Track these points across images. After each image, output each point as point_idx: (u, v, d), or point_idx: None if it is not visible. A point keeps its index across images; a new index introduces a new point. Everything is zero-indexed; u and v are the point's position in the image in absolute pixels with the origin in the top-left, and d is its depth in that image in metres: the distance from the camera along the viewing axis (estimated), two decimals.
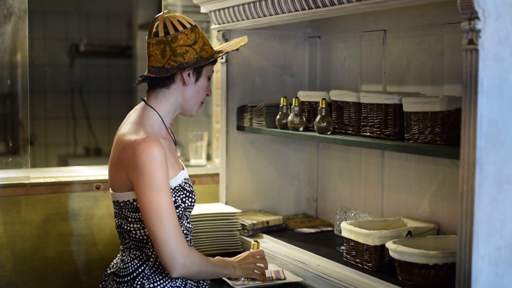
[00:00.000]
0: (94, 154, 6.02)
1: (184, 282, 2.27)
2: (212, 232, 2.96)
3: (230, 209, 3.07)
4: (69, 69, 6.10)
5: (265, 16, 2.76)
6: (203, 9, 3.14)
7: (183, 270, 2.15)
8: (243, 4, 2.84)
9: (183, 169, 2.36)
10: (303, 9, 2.53)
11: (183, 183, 2.27)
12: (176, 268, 2.14)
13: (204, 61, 2.25)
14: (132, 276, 2.22)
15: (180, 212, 2.25)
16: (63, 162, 5.93)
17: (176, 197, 2.23)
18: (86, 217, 3.32)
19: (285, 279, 2.52)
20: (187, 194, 2.27)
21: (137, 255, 2.25)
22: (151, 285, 2.21)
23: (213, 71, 2.36)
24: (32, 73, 3.44)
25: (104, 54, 6.18)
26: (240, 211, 3.05)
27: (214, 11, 3.07)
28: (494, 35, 1.81)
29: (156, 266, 2.23)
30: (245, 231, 3.00)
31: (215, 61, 2.35)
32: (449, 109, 2.13)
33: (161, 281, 2.23)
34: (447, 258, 2.15)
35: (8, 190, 3.17)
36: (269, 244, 2.91)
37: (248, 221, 3.02)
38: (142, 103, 2.32)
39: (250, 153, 3.26)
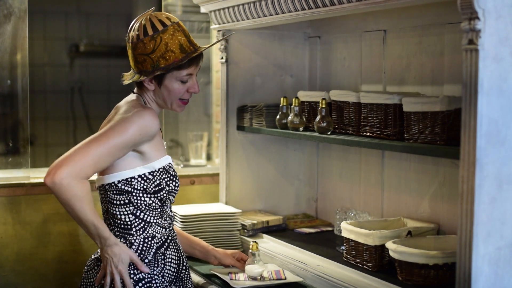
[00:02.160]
0: None
1: (162, 271, 2.28)
2: (212, 232, 2.96)
3: (230, 209, 3.07)
4: (69, 69, 6.10)
5: (265, 16, 2.76)
6: (203, 9, 3.14)
7: (57, 180, 2.08)
8: (243, 4, 2.84)
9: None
10: (303, 9, 2.53)
11: (167, 167, 2.31)
12: (55, 172, 2.09)
13: (159, 70, 2.24)
14: None
15: (165, 195, 2.28)
16: None
17: (161, 180, 2.27)
18: None
19: (285, 279, 2.52)
20: (171, 177, 2.30)
21: None
22: (131, 274, 2.23)
23: (189, 74, 2.29)
24: (32, 73, 3.44)
25: (104, 54, 6.18)
26: (240, 211, 3.05)
27: (214, 11, 3.07)
28: (494, 35, 1.81)
29: (137, 254, 2.25)
30: (245, 231, 3.00)
31: (190, 65, 2.29)
32: (449, 109, 2.13)
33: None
34: (447, 258, 2.15)
35: (8, 190, 3.17)
36: (269, 244, 2.91)
37: (248, 221, 3.02)
38: (132, 94, 2.39)
39: (250, 153, 3.25)
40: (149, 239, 2.28)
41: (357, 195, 3.01)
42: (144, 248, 2.27)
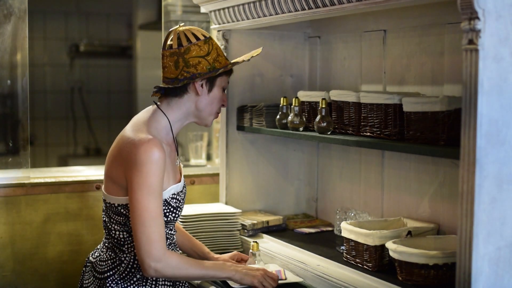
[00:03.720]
0: (94, 154, 6.03)
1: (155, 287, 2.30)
2: (212, 232, 2.96)
3: (230, 209, 3.07)
4: (69, 69, 6.10)
5: (265, 16, 2.76)
6: (203, 9, 3.14)
7: (153, 273, 2.18)
8: (243, 4, 2.84)
9: (179, 181, 2.38)
10: (303, 9, 2.53)
11: (170, 199, 2.30)
12: (146, 270, 2.18)
13: (216, 71, 2.28)
14: (105, 275, 2.28)
15: None
16: (63, 162, 5.93)
17: None
18: (86, 217, 3.32)
19: (286, 279, 2.52)
20: (172, 209, 2.31)
21: (111, 257, 2.30)
22: None
23: (228, 82, 2.40)
24: (32, 73, 3.44)
25: (104, 54, 6.18)
26: (240, 211, 3.05)
27: (214, 11, 3.07)
28: (494, 35, 1.81)
29: (126, 272, 2.27)
30: (245, 231, 3.00)
31: (230, 72, 2.39)
32: (449, 109, 2.13)
33: (129, 287, 2.27)
34: (447, 258, 2.15)
35: (8, 190, 3.17)
36: (269, 244, 2.91)
37: (248, 221, 3.02)
38: (154, 106, 2.34)
39: (250, 153, 3.26)
40: None
41: (357, 195, 3.02)
42: (135, 266, 2.28)
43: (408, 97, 2.29)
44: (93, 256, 2.37)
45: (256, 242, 2.61)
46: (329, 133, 2.64)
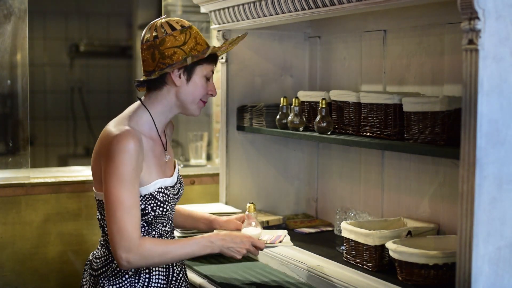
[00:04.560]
0: None
1: (147, 285, 2.28)
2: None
3: (230, 209, 3.07)
4: (69, 69, 6.11)
5: (265, 16, 2.76)
6: (203, 9, 3.14)
7: (126, 265, 2.15)
8: (243, 4, 2.84)
9: (171, 176, 2.35)
10: (303, 9, 2.53)
11: (156, 193, 2.26)
12: (119, 261, 2.15)
13: (191, 59, 2.24)
14: (98, 272, 2.28)
15: (150, 219, 2.26)
16: (63, 162, 5.93)
17: (146, 205, 2.23)
18: (86, 217, 3.32)
19: (280, 242, 2.48)
20: (158, 203, 2.26)
21: (104, 254, 2.29)
22: (110, 287, 2.25)
23: (212, 71, 2.34)
24: (32, 73, 3.44)
25: (104, 54, 6.19)
26: (240, 211, 3.05)
27: (214, 11, 3.07)
28: (494, 35, 1.81)
29: (118, 269, 2.25)
30: None
31: (211, 60, 2.33)
32: (449, 109, 2.13)
33: (121, 284, 2.26)
34: (447, 258, 2.15)
35: (8, 190, 3.17)
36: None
37: None
38: (138, 102, 2.35)
39: (250, 153, 3.26)
40: None
41: (357, 195, 3.02)
42: None
43: (408, 97, 2.29)
44: (91, 255, 2.37)
45: (252, 203, 2.57)
46: (329, 133, 2.64)
